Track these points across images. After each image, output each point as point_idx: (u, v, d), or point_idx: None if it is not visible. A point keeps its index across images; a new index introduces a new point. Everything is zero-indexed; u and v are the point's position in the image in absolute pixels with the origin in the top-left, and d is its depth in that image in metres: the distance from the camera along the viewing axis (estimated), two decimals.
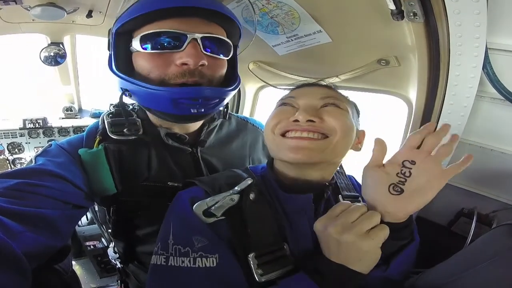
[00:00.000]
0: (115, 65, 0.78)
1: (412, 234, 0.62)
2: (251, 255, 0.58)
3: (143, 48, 0.73)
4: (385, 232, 0.55)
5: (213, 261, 0.57)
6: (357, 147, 0.74)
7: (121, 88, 0.79)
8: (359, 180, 0.90)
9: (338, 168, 0.79)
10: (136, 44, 0.74)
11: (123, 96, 0.81)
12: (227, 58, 0.82)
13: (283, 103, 0.72)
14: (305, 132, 0.64)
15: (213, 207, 0.61)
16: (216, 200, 0.62)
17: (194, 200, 0.63)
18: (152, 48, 0.73)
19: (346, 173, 0.85)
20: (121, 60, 0.78)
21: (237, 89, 0.86)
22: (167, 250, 0.60)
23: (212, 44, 0.76)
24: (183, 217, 0.63)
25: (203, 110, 0.76)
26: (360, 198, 0.75)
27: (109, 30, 0.80)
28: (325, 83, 0.76)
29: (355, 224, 0.54)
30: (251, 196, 0.63)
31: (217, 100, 0.79)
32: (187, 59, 0.71)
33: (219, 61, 0.79)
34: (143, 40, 0.73)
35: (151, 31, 0.72)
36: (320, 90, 0.71)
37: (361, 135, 0.75)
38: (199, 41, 0.72)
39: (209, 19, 0.75)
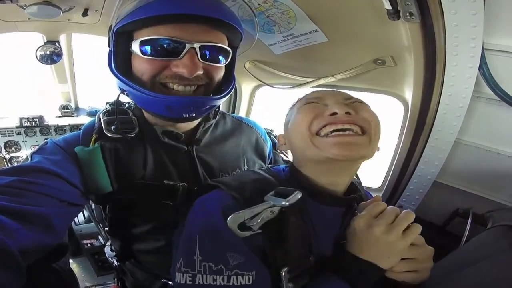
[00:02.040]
0: (114, 63, 0.78)
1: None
2: (284, 270, 0.57)
3: (141, 52, 0.74)
4: (416, 233, 0.59)
5: (249, 278, 0.55)
6: None
7: (119, 87, 0.80)
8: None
9: (356, 179, 0.79)
10: (135, 47, 0.75)
11: (121, 95, 0.82)
12: (225, 64, 0.83)
13: (309, 101, 0.69)
14: (346, 124, 0.62)
15: (251, 221, 0.56)
16: (255, 212, 0.57)
17: (227, 210, 0.58)
18: (150, 54, 0.73)
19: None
20: (121, 58, 0.78)
21: (230, 94, 0.87)
22: (193, 267, 0.56)
23: (211, 51, 0.76)
24: (214, 230, 0.58)
25: (194, 114, 0.79)
26: None
27: (110, 27, 0.80)
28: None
29: (395, 225, 0.58)
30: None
31: (208, 107, 0.81)
32: (183, 70, 0.72)
33: (216, 67, 0.80)
34: (142, 45, 0.73)
35: (150, 37, 0.72)
36: (342, 94, 0.71)
37: None
38: (197, 50, 0.73)
39: (211, 26, 0.75)
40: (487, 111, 0.92)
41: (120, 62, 0.78)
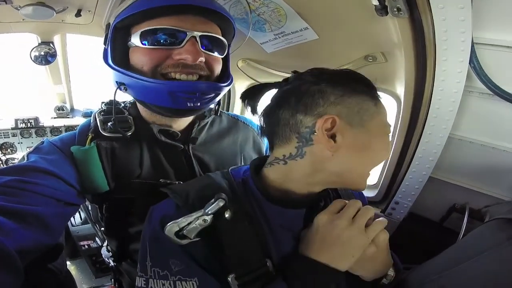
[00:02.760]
0: (111, 59, 0.79)
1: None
2: (230, 277, 0.56)
3: (142, 43, 0.75)
4: (377, 229, 0.58)
5: (193, 284, 0.56)
6: None
7: (117, 82, 0.79)
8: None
9: None
10: (135, 39, 0.75)
11: (118, 91, 0.81)
12: (222, 56, 0.84)
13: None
14: None
15: (185, 230, 0.57)
16: (188, 221, 0.57)
17: (165, 219, 0.59)
18: (151, 44, 0.74)
19: None
20: (117, 54, 0.79)
21: (230, 86, 0.88)
22: (146, 272, 0.59)
23: (209, 42, 0.78)
24: (156, 238, 0.60)
25: (198, 104, 0.78)
26: None
27: (108, 24, 0.81)
28: None
29: (356, 218, 0.58)
30: (227, 215, 0.58)
31: (213, 95, 0.80)
32: (186, 56, 0.73)
33: (215, 58, 0.81)
34: (143, 36, 0.74)
35: (151, 27, 0.73)
36: None
37: None
38: (197, 39, 0.74)
39: (207, 18, 0.77)
40: (480, 105, 0.92)
41: (118, 58, 0.79)
